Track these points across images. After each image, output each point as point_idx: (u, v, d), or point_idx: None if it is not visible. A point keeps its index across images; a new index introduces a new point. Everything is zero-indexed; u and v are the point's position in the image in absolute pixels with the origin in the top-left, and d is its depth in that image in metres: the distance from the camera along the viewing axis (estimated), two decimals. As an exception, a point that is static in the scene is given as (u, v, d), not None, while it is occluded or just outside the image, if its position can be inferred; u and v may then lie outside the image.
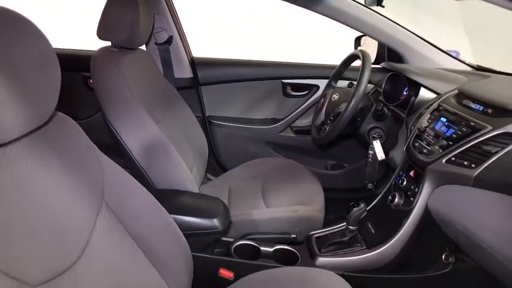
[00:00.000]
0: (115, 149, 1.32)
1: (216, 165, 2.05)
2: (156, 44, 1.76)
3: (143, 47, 1.60)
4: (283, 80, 1.94)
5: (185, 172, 1.35)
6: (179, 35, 1.82)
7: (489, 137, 0.97)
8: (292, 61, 2.00)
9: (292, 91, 1.97)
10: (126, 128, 1.26)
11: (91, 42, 1.58)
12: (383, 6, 1.48)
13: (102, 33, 1.33)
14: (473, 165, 0.95)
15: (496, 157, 0.91)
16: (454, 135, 1.07)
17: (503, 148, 0.91)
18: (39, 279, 0.66)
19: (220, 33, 3.57)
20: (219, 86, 1.95)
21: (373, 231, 1.29)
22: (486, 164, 0.92)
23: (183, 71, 1.88)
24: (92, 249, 0.79)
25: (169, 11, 1.76)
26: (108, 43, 1.39)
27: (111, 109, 1.26)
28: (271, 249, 1.27)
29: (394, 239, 1.18)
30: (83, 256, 0.77)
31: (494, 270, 1.01)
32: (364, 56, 1.38)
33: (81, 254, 0.77)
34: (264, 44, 3.32)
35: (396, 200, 1.22)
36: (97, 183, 0.87)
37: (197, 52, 2.01)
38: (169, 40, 1.75)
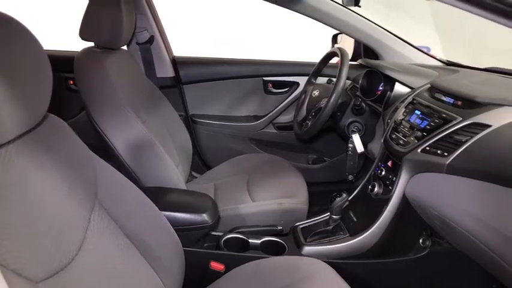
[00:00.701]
0: (100, 149, 1.34)
1: (200, 163, 2.07)
2: (138, 43, 1.77)
3: (124, 47, 1.62)
4: (264, 78, 1.99)
5: (172, 170, 1.38)
6: (160, 34, 1.84)
7: (459, 127, 1.04)
8: (273, 59, 2.05)
9: (274, 88, 2.01)
10: (112, 127, 1.28)
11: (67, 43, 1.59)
12: (359, 6, 1.55)
13: (84, 34, 1.34)
14: (445, 154, 1.02)
15: (466, 145, 0.98)
16: (427, 127, 1.14)
17: (472, 137, 0.98)
18: (41, 275, 0.69)
19: (200, 33, 3.57)
20: (201, 84, 1.98)
21: (355, 220, 1.35)
22: (457, 153, 0.99)
23: (165, 71, 1.90)
24: (87, 247, 0.82)
25: (150, 11, 1.77)
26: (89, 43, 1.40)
27: (97, 109, 1.27)
28: (259, 241, 1.31)
29: (375, 226, 1.24)
30: (79, 253, 0.79)
31: (467, 251, 1.08)
32: (342, 54, 1.44)
33: (78, 251, 0.79)
34: (244, 43, 3.34)
35: (376, 189, 1.28)
36: (90, 182, 0.89)
37: (178, 51, 2.03)
38: (151, 40, 1.77)
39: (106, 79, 1.26)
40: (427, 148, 1.09)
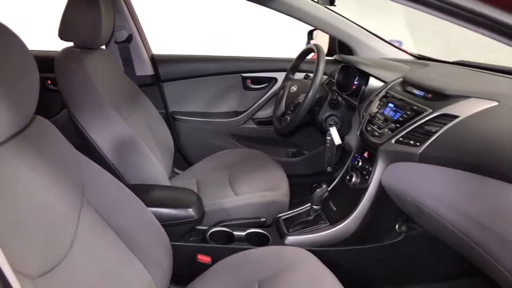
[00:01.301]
0: (82, 148, 1.35)
1: (181, 159, 2.09)
2: (116, 42, 1.77)
3: (103, 47, 1.62)
4: (243, 74, 2.02)
5: (156, 167, 1.40)
6: (138, 33, 1.84)
7: (430, 119, 1.10)
8: (251, 55, 2.08)
9: (252, 84, 2.05)
10: (95, 126, 1.29)
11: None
12: (335, 5, 1.60)
13: (64, 34, 1.34)
14: (417, 144, 1.09)
15: (436, 135, 1.05)
16: (400, 119, 1.20)
17: (441, 127, 1.05)
18: (37, 272, 0.71)
19: (178, 31, 3.56)
20: (181, 82, 2.00)
21: (335, 209, 1.41)
22: (428, 142, 1.06)
23: (144, 69, 1.90)
24: (79, 243, 0.84)
25: (128, 10, 1.77)
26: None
27: (79, 109, 1.27)
28: (244, 233, 1.35)
29: (353, 214, 1.31)
30: (72, 250, 0.82)
31: (440, 235, 1.16)
32: (318, 50, 1.49)
33: (70, 248, 0.81)
34: (222, 40, 3.36)
35: (353, 179, 1.34)
36: (77, 181, 0.92)
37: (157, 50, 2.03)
38: (129, 38, 1.77)
39: (87, 79, 1.27)
40: (400, 139, 1.16)
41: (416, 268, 1.40)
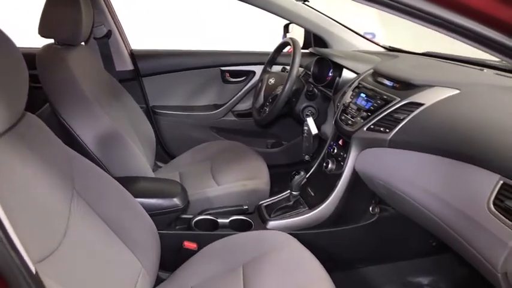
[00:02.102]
0: (66, 143, 1.37)
1: (163, 153, 2.12)
2: (95, 38, 1.79)
3: (82, 43, 1.63)
4: (221, 68, 2.06)
5: (140, 160, 1.44)
6: (117, 28, 1.86)
7: (398, 107, 1.19)
8: (229, 49, 2.13)
9: (231, 77, 2.09)
10: (79, 121, 1.31)
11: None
12: (308, 1, 1.66)
13: (44, 31, 1.35)
14: (387, 131, 1.17)
15: (404, 122, 1.13)
16: (371, 108, 1.28)
17: (409, 115, 1.13)
18: (38, 256, 0.75)
19: (156, 26, 3.54)
20: (161, 76, 2.02)
21: (313, 194, 1.49)
22: (397, 129, 1.14)
23: (124, 64, 1.92)
24: (71, 232, 0.89)
25: (106, 6, 1.79)
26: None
27: (63, 105, 1.30)
28: (227, 221, 1.41)
29: (330, 198, 1.39)
30: (65, 239, 0.86)
31: (409, 214, 1.24)
32: (294, 43, 1.55)
33: (63, 237, 0.86)
34: (200, 34, 3.37)
35: (329, 165, 1.42)
36: (66, 174, 0.96)
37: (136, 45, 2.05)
38: (108, 34, 1.79)
39: (70, 75, 1.29)
40: (372, 126, 1.24)
41: (389, 247, 1.50)
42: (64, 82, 1.29)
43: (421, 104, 1.13)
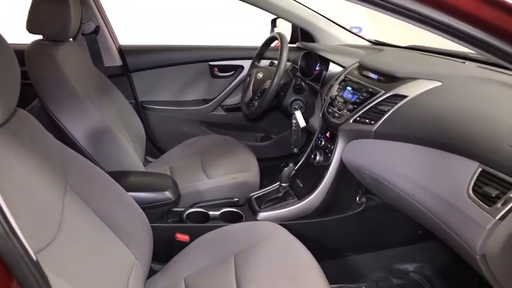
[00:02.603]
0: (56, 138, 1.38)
1: (153, 148, 2.13)
2: (83, 34, 1.79)
3: (70, 39, 1.63)
4: (210, 63, 2.08)
5: (131, 154, 1.45)
6: (105, 24, 1.86)
7: (383, 99, 1.23)
8: (218, 44, 2.14)
9: (220, 72, 2.11)
10: (69, 117, 1.32)
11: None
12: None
13: (32, 27, 1.35)
14: (372, 122, 1.21)
15: (388, 114, 1.17)
16: (357, 100, 1.32)
17: (393, 106, 1.17)
18: (36, 248, 0.77)
19: (144, 22, 3.52)
20: (149, 71, 2.03)
21: (302, 185, 1.52)
22: (382, 120, 1.18)
23: (112, 60, 1.92)
24: (65, 225, 0.90)
25: (94, 2, 1.78)
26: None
27: (53, 101, 1.30)
28: (218, 213, 1.44)
29: (318, 190, 1.43)
30: (60, 231, 0.87)
31: (394, 203, 1.28)
32: (281, 38, 1.57)
33: (58, 229, 0.87)
34: (188, 29, 3.36)
35: (317, 157, 1.46)
36: (59, 168, 0.97)
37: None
38: (96, 30, 1.79)
39: (60, 71, 1.30)
40: (358, 118, 1.28)
41: (375, 235, 1.55)
42: (54, 78, 1.29)
43: (405, 96, 1.17)
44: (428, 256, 1.56)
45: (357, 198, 1.46)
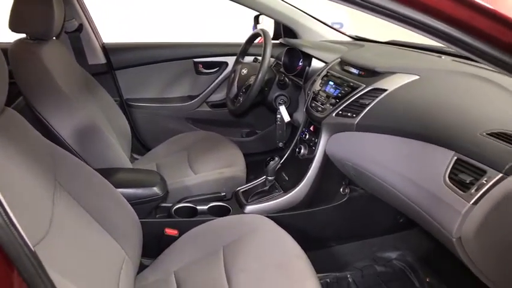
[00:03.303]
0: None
1: (139, 145, 2.14)
2: (66, 32, 1.78)
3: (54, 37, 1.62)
4: (194, 59, 2.09)
5: (118, 151, 1.46)
6: (88, 22, 1.85)
7: (364, 93, 1.27)
8: (202, 41, 2.15)
9: (204, 69, 2.12)
10: (56, 116, 1.32)
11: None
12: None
13: (15, 26, 1.35)
14: (354, 115, 1.25)
15: (369, 107, 1.21)
16: (339, 94, 1.36)
17: (373, 100, 1.22)
18: (32, 241, 0.78)
19: (127, 19, 3.49)
20: (134, 69, 2.03)
21: (287, 178, 1.56)
22: (363, 113, 1.22)
23: (96, 58, 1.92)
24: (56, 223, 0.91)
25: (77, 0, 1.78)
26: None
27: (39, 99, 1.30)
28: (206, 207, 1.46)
29: (303, 182, 1.46)
30: (51, 228, 0.88)
31: (376, 192, 1.33)
32: (265, 35, 1.60)
33: (49, 226, 0.88)
34: (172, 26, 3.34)
35: (302, 151, 1.50)
36: (48, 166, 0.98)
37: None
38: (80, 28, 1.78)
39: (44, 69, 1.30)
40: (340, 112, 1.32)
41: (359, 225, 1.60)
42: (39, 77, 1.29)
43: (385, 90, 1.21)
44: (410, 244, 1.63)
45: (341, 190, 1.51)
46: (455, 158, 0.90)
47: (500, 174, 0.80)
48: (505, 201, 0.80)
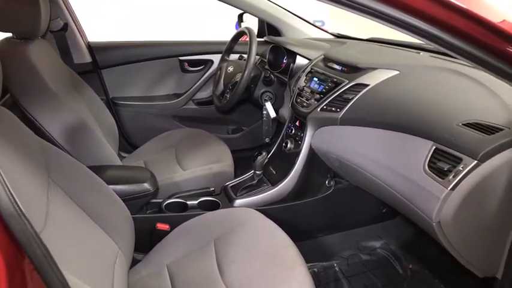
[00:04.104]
0: None
1: (126, 143, 2.14)
2: (52, 31, 1.77)
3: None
4: (180, 58, 2.11)
5: (108, 149, 1.48)
6: (73, 21, 1.85)
7: (347, 88, 1.32)
8: (187, 39, 2.17)
9: (190, 67, 2.14)
10: (45, 114, 1.32)
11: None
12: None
13: (2, 25, 1.34)
14: (338, 110, 1.30)
15: (353, 102, 1.27)
16: (323, 90, 1.41)
17: (356, 94, 1.27)
18: None
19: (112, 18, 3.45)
20: (119, 67, 2.03)
21: (275, 172, 1.60)
22: (346, 108, 1.27)
23: (82, 57, 1.92)
24: (52, 218, 0.93)
25: (62, -1, 1.78)
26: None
27: (28, 98, 1.30)
28: (196, 202, 1.49)
29: (290, 175, 1.51)
30: (46, 224, 0.90)
31: (360, 183, 1.39)
32: (250, 32, 1.64)
33: (45, 223, 0.90)
34: (157, 25, 3.33)
35: (288, 145, 1.54)
36: (41, 163, 0.99)
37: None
38: (65, 27, 1.78)
39: (33, 68, 1.30)
40: (324, 107, 1.37)
41: (344, 216, 1.66)
42: (27, 76, 1.29)
43: (367, 85, 1.27)
44: (393, 233, 1.69)
45: (326, 182, 1.56)
46: (434, 147, 0.96)
47: (475, 161, 0.86)
48: (480, 186, 0.86)
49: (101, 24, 2.51)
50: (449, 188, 0.88)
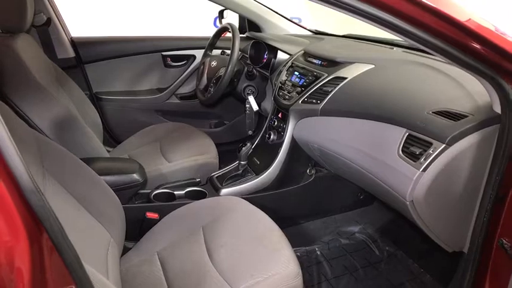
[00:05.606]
0: None
1: (109, 138, 2.15)
2: (34, 26, 1.77)
3: (22, 31, 1.62)
4: (162, 53, 2.14)
5: (95, 142, 1.50)
6: (56, 16, 1.85)
7: (326, 81, 1.40)
8: (169, 35, 2.20)
9: (172, 62, 2.17)
10: (33, 108, 1.34)
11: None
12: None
13: None
14: (318, 102, 1.37)
15: (332, 94, 1.34)
16: (304, 83, 1.48)
17: (335, 87, 1.35)
18: None
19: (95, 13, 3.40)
20: (103, 63, 2.04)
21: (259, 163, 1.67)
22: (326, 100, 1.35)
23: (65, 52, 1.92)
24: (47, 207, 0.96)
25: (44, -6, 1.77)
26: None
27: (16, 92, 1.31)
28: (183, 192, 1.54)
29: (273, 165, 1.59)
30: None
31: (339, 171, 1.47)
32: (233, 28, 1.69)
33: None
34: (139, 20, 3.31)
35: (272, 136, 1.61)
36: (35, 154, 1.02)
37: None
38: (48, 22, 1.78)
39: (21, 62, 1.31)
40: (305, 99, 1.44)
41: (325, 202, 1.75)
42: (15, 70, 1.31)
43: (345, 78, 1.35)
44: (369, 218, 1.79)
45: (308, 171, 1.64)
46: (407, 134, 1.05)
47: (444, 145, 0.95)
48: (448, 167, 0.96)
49: (84, 20, 2.50)
50: (420, 170, 0.97)
